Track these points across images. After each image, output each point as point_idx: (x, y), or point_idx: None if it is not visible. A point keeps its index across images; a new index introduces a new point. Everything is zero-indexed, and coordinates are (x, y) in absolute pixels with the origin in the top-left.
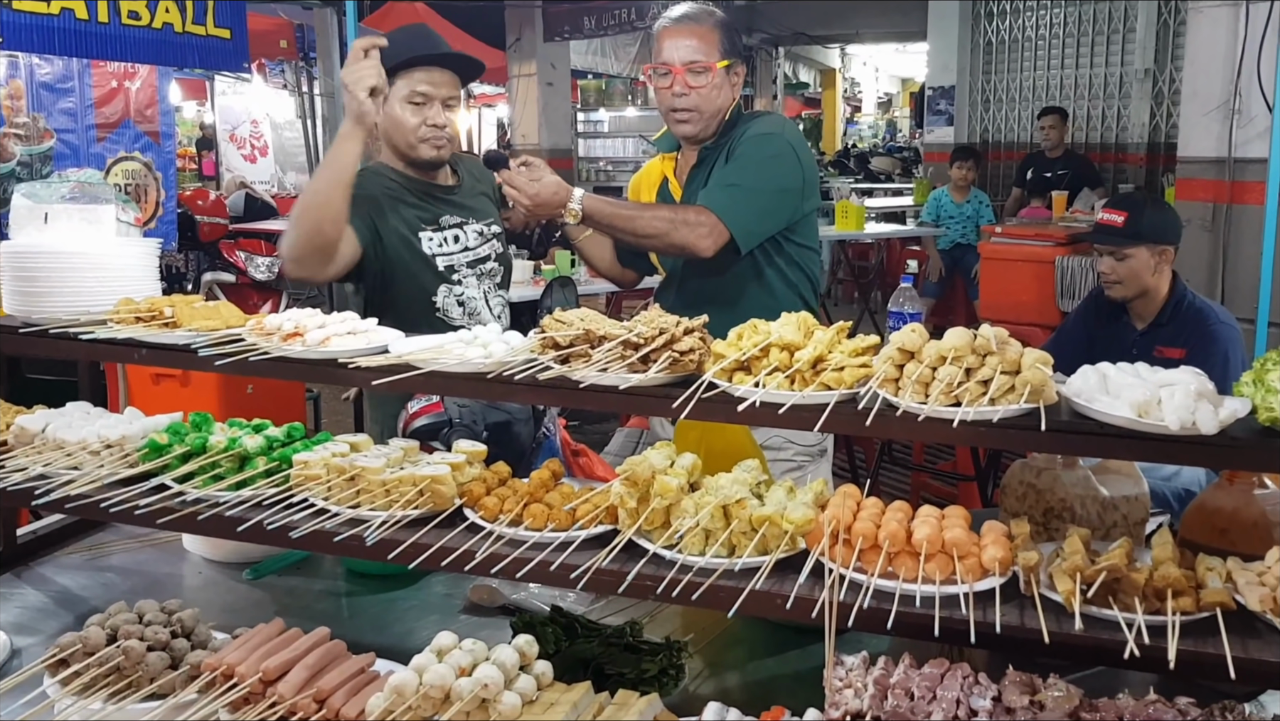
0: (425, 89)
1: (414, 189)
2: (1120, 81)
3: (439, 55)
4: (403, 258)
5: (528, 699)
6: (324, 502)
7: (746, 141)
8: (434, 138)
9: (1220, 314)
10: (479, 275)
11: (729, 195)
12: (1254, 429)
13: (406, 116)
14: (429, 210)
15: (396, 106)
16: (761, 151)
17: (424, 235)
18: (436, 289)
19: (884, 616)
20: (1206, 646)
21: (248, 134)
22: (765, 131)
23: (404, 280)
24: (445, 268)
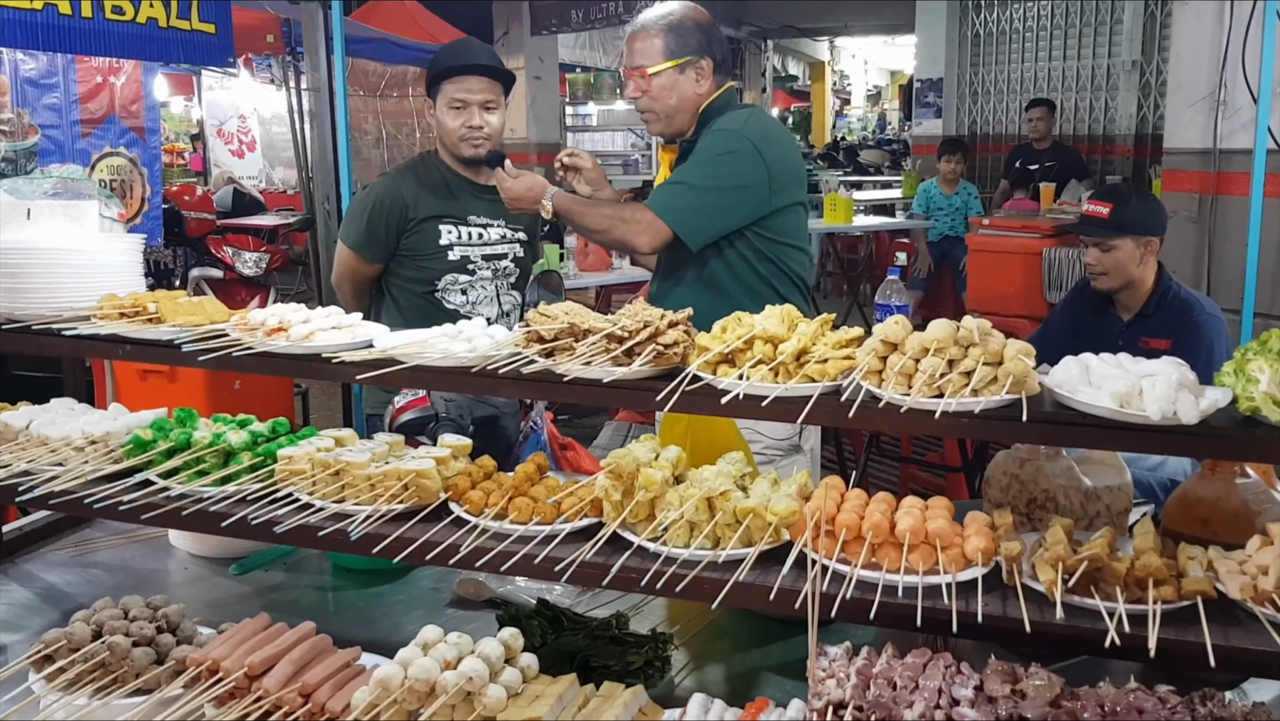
0: (463, 95)
1: (454, 182)
2: (1108, 73)
3: (472, 65)
4: (419, 243)
5: (513, 691)
6: (308, 497)
7: (704, 139)
8: (471, 137)
9: (1206, 305)
10: (494, 271)
11: (671, 193)
12: (1235, 418)
13: (448, 120)
14: (461, 205)
15: (441, 112)
16: (714, 149)
17: (445, 227)
18: (442, 275)
19: (867, 607)
20: (1187, 635)
21: (235, 129)
22: (723, 129)
23: (412, 263)
24: (460, 257)
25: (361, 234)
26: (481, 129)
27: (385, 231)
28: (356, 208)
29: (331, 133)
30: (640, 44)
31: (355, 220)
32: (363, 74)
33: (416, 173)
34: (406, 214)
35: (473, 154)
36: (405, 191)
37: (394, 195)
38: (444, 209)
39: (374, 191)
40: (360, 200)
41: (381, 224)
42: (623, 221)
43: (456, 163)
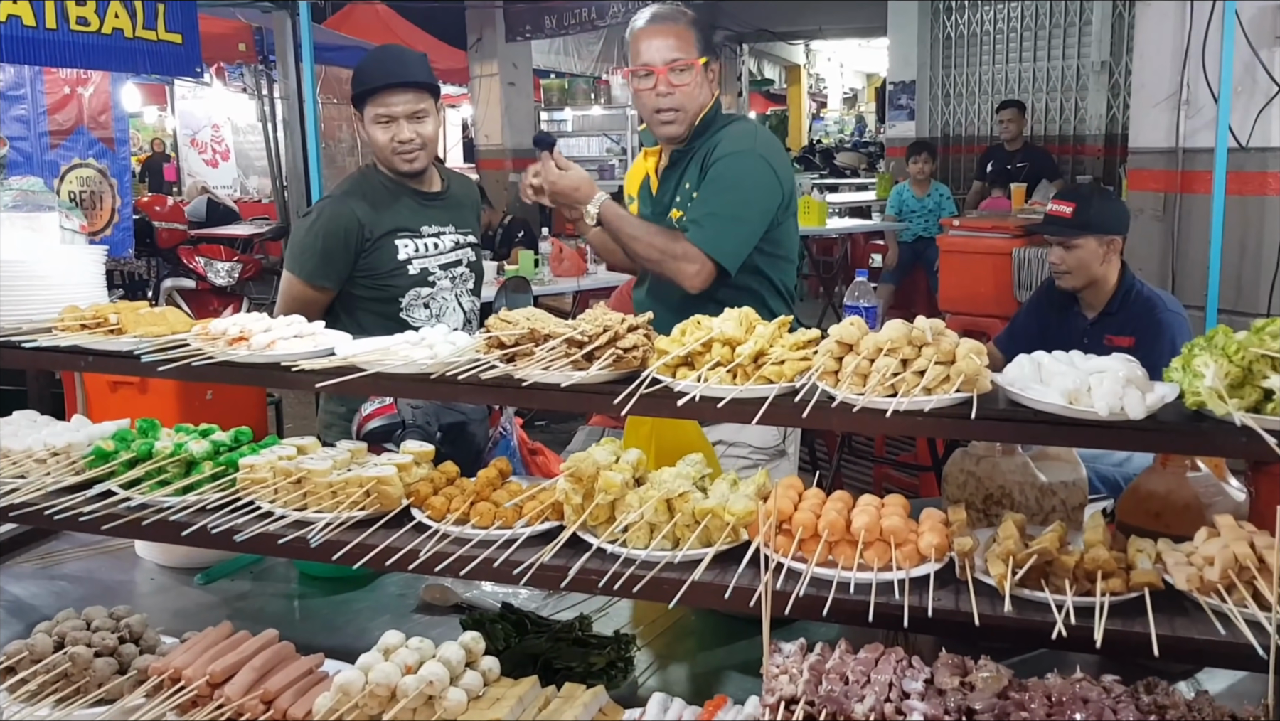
0: (386, 110)
1: (400, 194)
2: (1077, 74)
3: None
4: (377, 261)
5: (474, 695)
6: (270, 505)
7: (722, 162)
8: (404, 151)
9: (1168, 302)
10: (452, 278)
11: (713, 228)
12: (1182, 413)
13: (377, 135)
14: (412, 216)
15: (370, 127)
16: (742, 173)
17: (401, 242)
18: (405, 291)
19: (821, 604)
20: (1134, 626)
21: (209, 138)
22: (739, 150)
23: (372, 282)
24: (420, 270)
25: (316, 262)
26: (412, 141)
27: (342, 255)
28: (305, 234)
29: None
30: (671, 39)
31: (306, 248)
32: (336, 81)
33: (362, 190)
34: (362, 234)
35: (408, 168)
36: (357, 211)
37: (346, 216)
38: (397, 223)
39: (324, 215)
40: (309, 226)
41: (339, 248)
42: (674, 259)
43: (396, 174)
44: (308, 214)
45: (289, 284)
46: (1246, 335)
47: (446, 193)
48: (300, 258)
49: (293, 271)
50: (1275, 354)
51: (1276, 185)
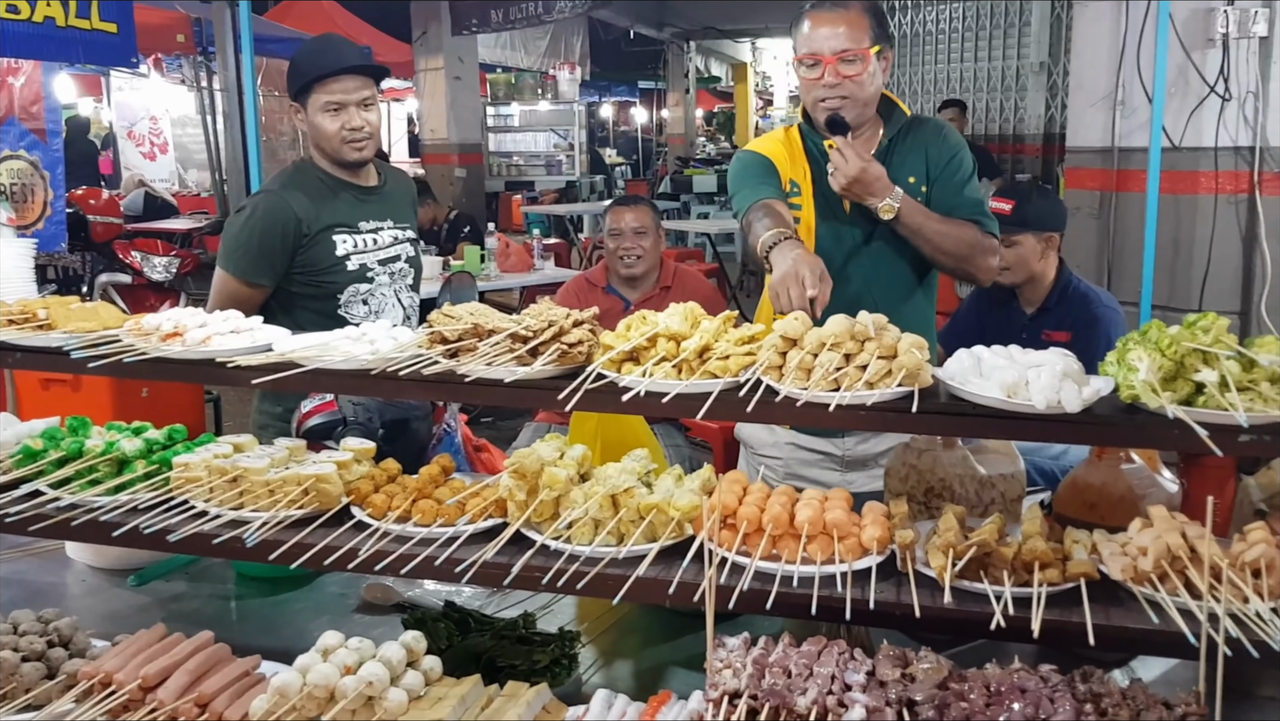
0: (338, 97)
1: (338, 188)
2: (1017, 75)
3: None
4: (315, 257)
5: (415, 695)
6: (205, 505)
7: (962, 153)
8: (354, 140)
9: (1104, 298)
10: (391, 274)
11: (989, 218)
12: (1117, 406)
13: (326, 123)
14: (350, 211)
15: (317, 116)
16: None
17: (339, 237)
18: (344, 288)
19: (765, 597)
20: (1071, 615)
21: (147, 131)
22: (962, 141)
23: (309, 279)
24: (358, 266)
25: (251, 258)
26: (362, 129)
27: (280, 251)
28: (240, 230)
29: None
30: (842, 27)
31: (241, 244)
32: (278, 74)
33: (299, 184)
34: (300, 229)
35: (357, 157)
36: (294, 205)
37: (283, 210)
38: (335, 218)
39: (257, 210)
40: (243, 222)
41: (276, 243)
42: (982, 253)
43: (336, 167)
44: (241, 209)
45: (222, 282)
46: (1179, 330)
47: (384, 187)
48: (234, 255)
49: (226, 269)
50: (1206, 348)
51: (1208, 184)
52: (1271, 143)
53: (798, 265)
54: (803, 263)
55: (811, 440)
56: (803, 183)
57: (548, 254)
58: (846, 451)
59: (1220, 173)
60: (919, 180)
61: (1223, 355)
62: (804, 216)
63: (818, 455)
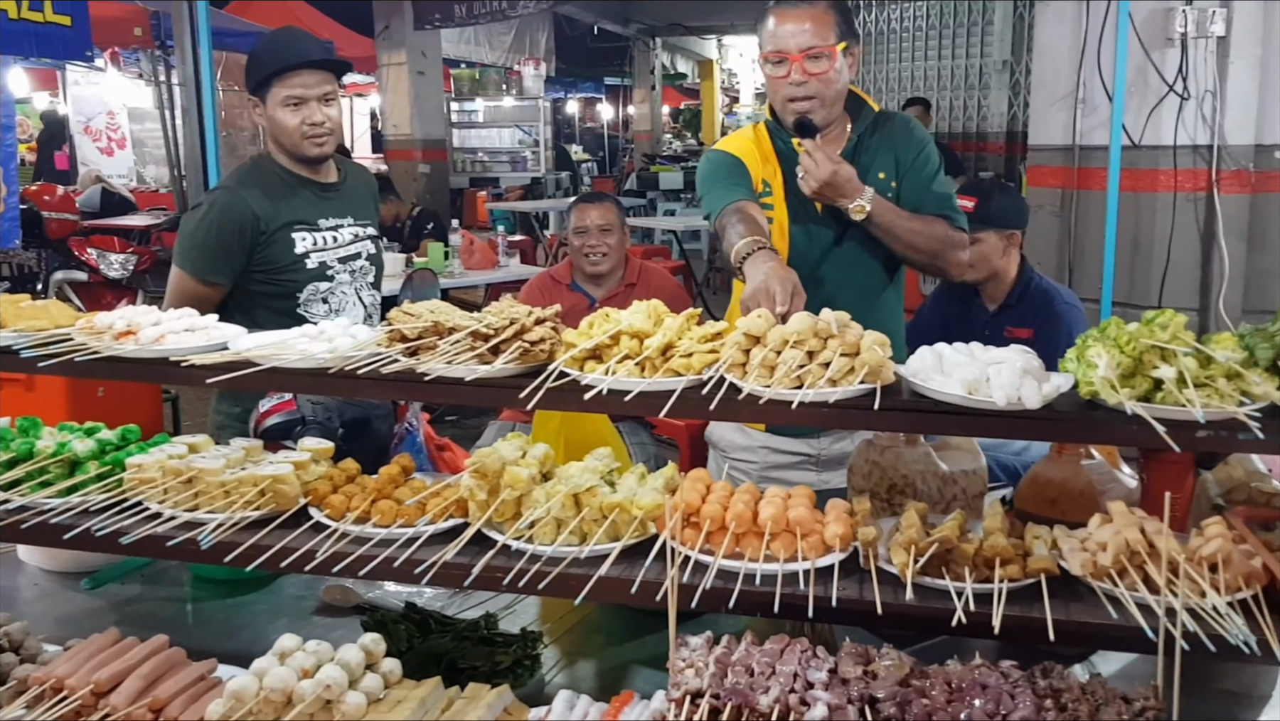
0: (299, 91)
1: (297, 185)
2: (980, 73)
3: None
4: (274, 256)
5: (374, 698)
6: (159, 506)
7: (929, 148)
8: (315, 135)
9: (1065, 295)
10: (351, 272)
11: (956, 207)
12: (1076, 402)
13: (286, 118)
14: (309, 209)
15: (277, 110)
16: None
17: (299, 235)
18: (303, 286)
19: (728, 596)
20: (1032, 611)
21: (104, 126)
22: (929, 136)
23: (268, 278)
24: (318, 264)
25: (207, 256)
26: (323, 124)
27: (237, 249)
28: (195, 229)
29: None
30: (808, 22)
31: (198, 243)
32: (237, 68)
33: (256, 180)
34: (258, 226)
35: (318, 153)
36: (252, 202)
37: (240, 208)
38: (294, 215)
39: (214, 208)
40: (198, 220)
41: (234, 241)
42: (952, 248)
43: (295, 163)
44: (198, 206)
45: (179, 280)
46: (1137, 326)
47: (344, 183)
48: (191, 253)
49: (183, 268)
50: (1164, 345)
51: (1167, 182)
52: (1229, 141)
53: (769, 280)
54: (774, 277)
55: (786, 441)
56: (774, 182)
57: (512, 251)
58: (821, 451)
59: (1179, 171)
60: (889, 176)
61: (1180, 352)
62: (776, 217)
63: (793, 456)
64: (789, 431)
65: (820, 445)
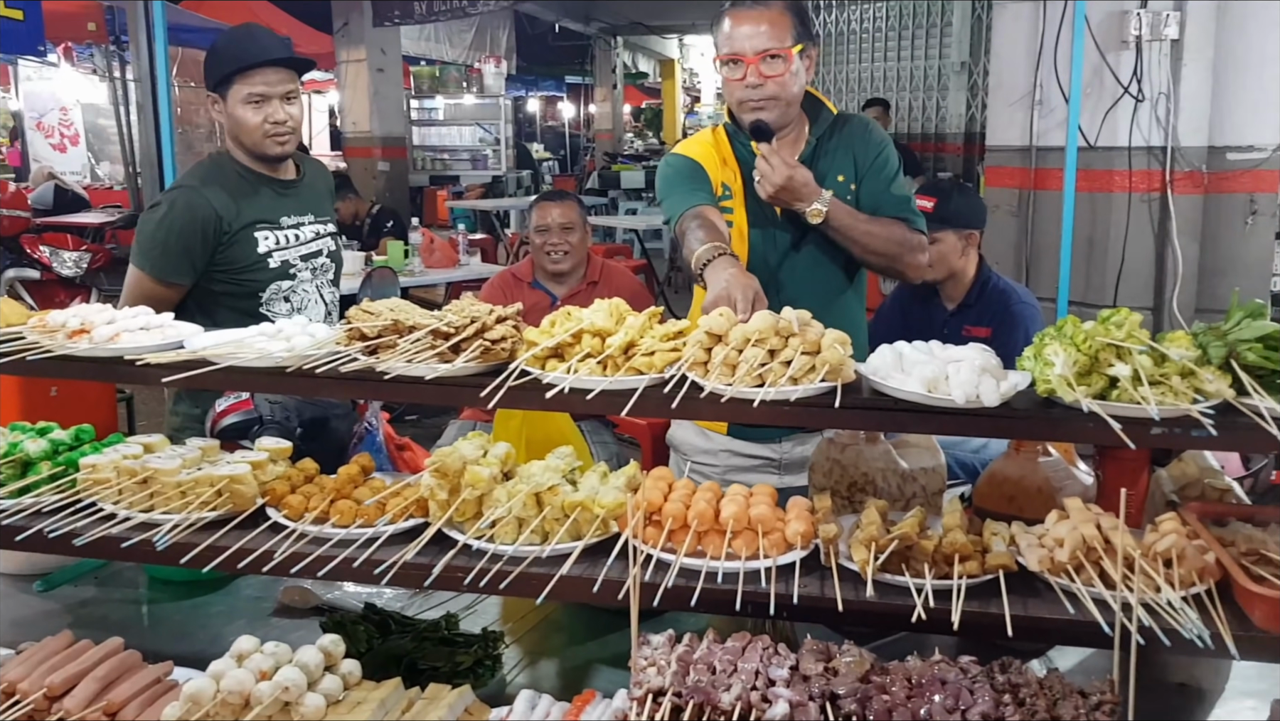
0: (261, 89)
1: (258, 183)
2: (939, 74)
3: (269, 59)
4: (236, 255)
5: (333, 699)
6: (113, 507)
7: (887, 150)
8: (277, 133)
9: (1022, 294)
10: (313, 270)
11: (914, 209)
12: (1034, 400)
13: (248, 116)
14: (270, 207)
15: (238, 108)
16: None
17: (261, 234)
18: (266, 285)
19: (690, 594)
20: (990, 607)
21: (57, 122)
22: (887, 138)
23: (230, 278)
24: (281, 263)
25: (168, 256)
26: (285, 122)
27: (199, 249)
28: (155, 228)
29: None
30: (764, 24)
31: (157, 243)
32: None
33: (217, 179)
34: (220, 226)
35: (279, 151)
36: (214, 201)
37: (201, 207)
38: (256, 214)
39: (175, 207)
40: (158, 219)
41: (196, 241)
42: (910, 251)
43: (255, 161)
44: (156, 205)
45: (136, 281)
46: (1093, 325)
47: (302, 180)
48: (150, 253)
49: (141, 268)
50: (1120, 343)
51: (1122, 183)
52: (1182, 143)
53: (730, 287)
54: (735, 284)
55: (748, 445)
56: (733, 185)
57: (473, 249)
58: (784, 455)
59: (1134, 172)
60: (847, 178)
61: (1135, 350)
62: (736, 220)
63: (755, 460)
64: (750, 435)
65: (782, 449)
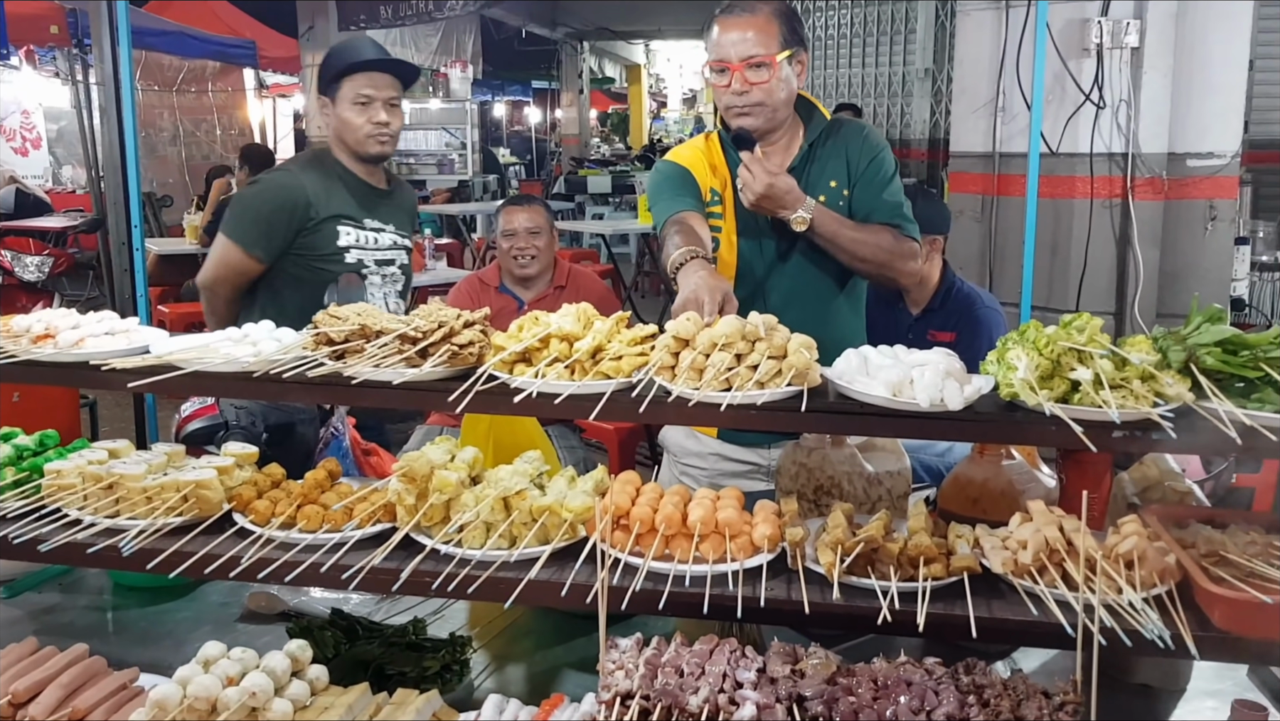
0: (368, 90)
1: (352, 183)
2: (903, 80)
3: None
4: (316, 242)
5: (300, 705)
6: (78, 513)
7: (883, 155)
8: (379, 134)
9: (986, 299)
10: (383, 276)
11: (910, 222)
12: (997, 404)
13: (353, 117)
14: (358, 206)
15: (344, 109)
16: (893, 167)
17: (343, 228)
18: (337, 279)
19: (658, 598)
20: (955, 609)
21: (18, 125)
22: (885, 145)
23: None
24: (356, 260)
25: (255, 226)
26: (387, 125)
27: (283, 226)
28: (251, 201)
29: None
30: (750, 31)
31: (250, 215)
32: (158, 68)
33: (315, 168)
34: (308, 211)
35: (379, 150)
36: (307, 185)
37: (294, 188)
38: (344, 209)
39: (271, 185)
40: (255, 194)
41: (282, 217)
42: (901, 258)
43: (355, 163)
44: (255, 181)
45: (223, 248)
46: (1055, 330)
47: (392, 193)
48: (240, 221)
49: (229, 235)
50: (1082, 347)
51: (1084, 189)
52: (1143, 149)
53: (698, 291)
54: (704, 287)
55: (737, 450)
56: (723, 192)
57: (440, 254)
58: (771, 462)
59: (1095, 178)
60: (840, 184)
61: (1097, 354)
62: (725, 226)
63: (743, 465)
64: (739, 439)
65: (770, 456)
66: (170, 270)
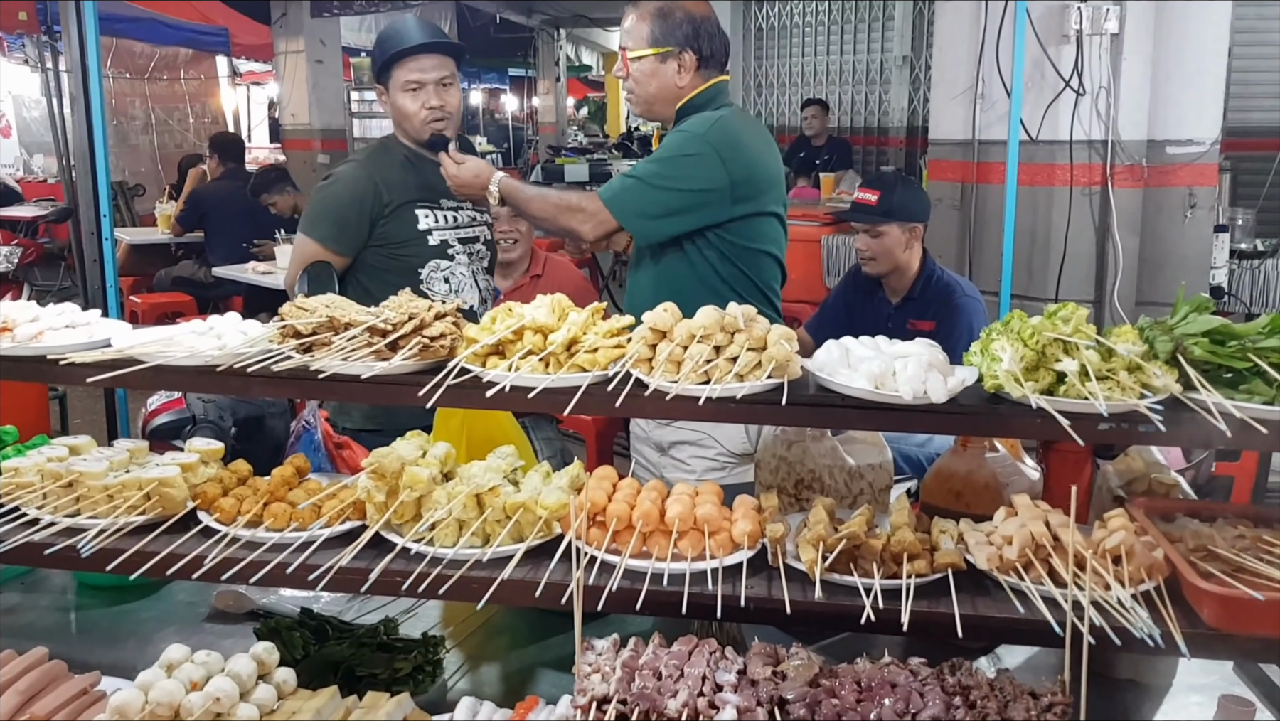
0: (417, 75)
1: (421, 165)
2: (881, 68)
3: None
4: (396, 230)
5: (267, 710)
6: (37, 512)
7: (668, 137)
8: (434, 117)
9: (965, 288)
10: (469, 254)
11: (624, 186)
12: (981, 396)
13: (407, 103)
14: (432, 188)
15: (398, 96)
16: (676, 149)
17: (421, 211)
18: (425, 262)
19: (635, 596)
20: (939, 606)
21: None
22: (688, 130)
23: (390, 252)
24: (440, 242)
25: (329, 222)
26: (442, 107)
27: (358, 220)
28: (322, 198)
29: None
30: (628, 25)
31: (323, 211)
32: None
33: (382, 158)
34: (380, 199)
35: (436, 131)
36: (375, 176)
37: (362, 180)
38: (417, 192)
39: (340, 179)
40: (325, 190)
41: (354, 211)
42: (569, 210)
43: (419, 145)
44: (327, 178)
45: (302, 247)
46: (1040, 320)
47: None
48: (315, 221)
49: (306, 233)
50: (1067, 338)
51: (1063, 176)
52: (1123, 136)
53: None
54: None
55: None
56: None
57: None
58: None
59: (1075, 165)
60: None
61: (1083, 345)
62: None
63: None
64: None
65: None
66: (142, 260)
